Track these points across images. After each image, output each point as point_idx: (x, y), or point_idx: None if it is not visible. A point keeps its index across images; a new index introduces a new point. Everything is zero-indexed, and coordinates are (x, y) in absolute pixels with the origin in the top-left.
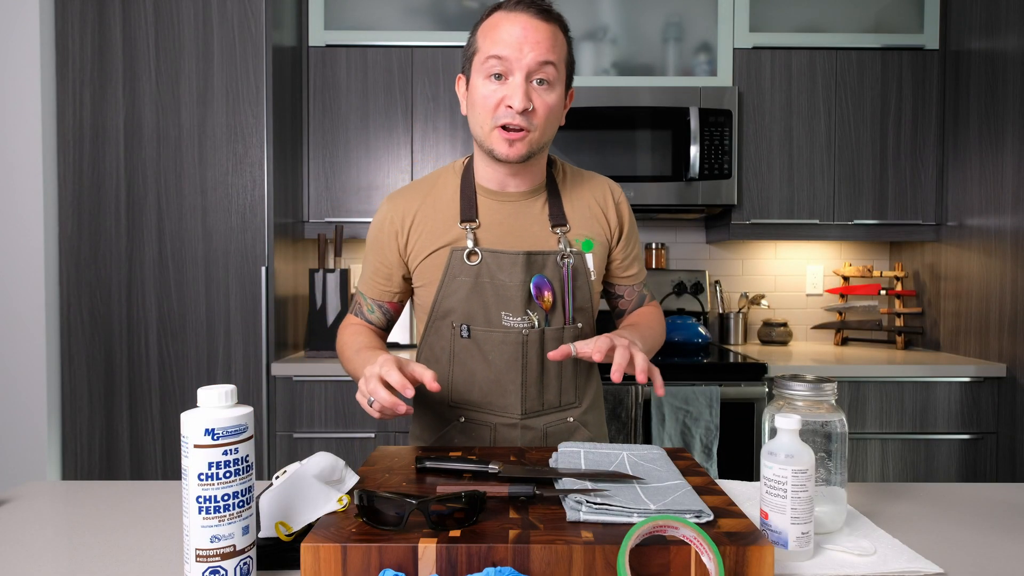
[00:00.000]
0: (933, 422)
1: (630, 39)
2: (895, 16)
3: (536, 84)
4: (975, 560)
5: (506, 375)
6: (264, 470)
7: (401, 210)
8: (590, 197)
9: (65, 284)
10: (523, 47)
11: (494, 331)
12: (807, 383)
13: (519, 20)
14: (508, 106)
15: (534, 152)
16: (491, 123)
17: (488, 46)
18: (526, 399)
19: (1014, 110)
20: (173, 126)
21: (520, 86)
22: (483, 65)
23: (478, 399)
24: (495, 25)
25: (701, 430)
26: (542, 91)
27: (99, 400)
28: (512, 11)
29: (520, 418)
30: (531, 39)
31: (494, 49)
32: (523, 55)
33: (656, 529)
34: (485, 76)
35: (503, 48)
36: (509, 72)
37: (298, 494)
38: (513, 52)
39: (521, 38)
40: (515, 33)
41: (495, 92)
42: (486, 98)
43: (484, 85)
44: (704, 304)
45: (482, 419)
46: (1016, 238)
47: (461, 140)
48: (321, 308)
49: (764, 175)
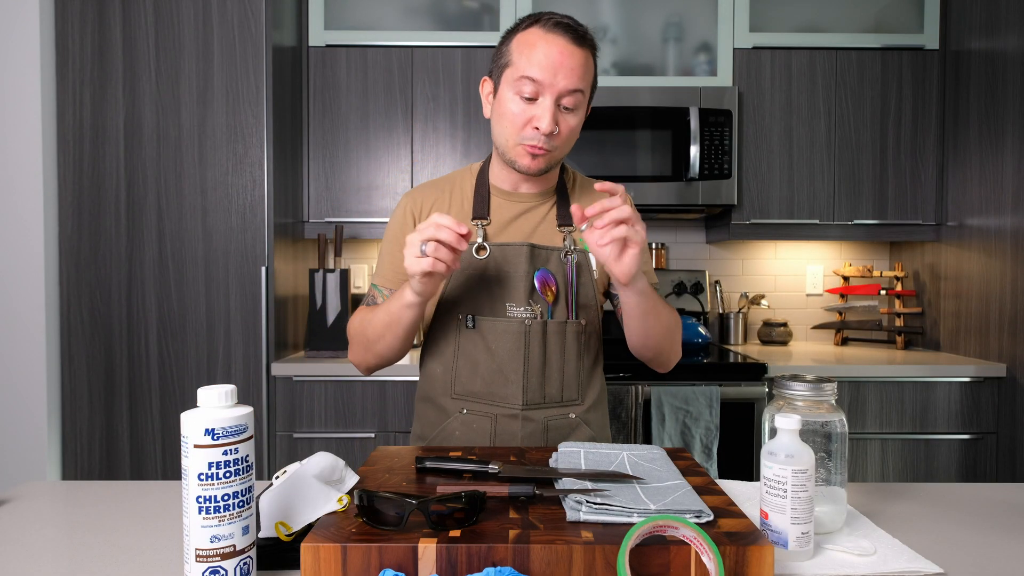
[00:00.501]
0: (933, 422)
1: (630, 39)
2: (895, 16)
3: (563, 110)
4: (975, 560)
5: (508, 364)
6: (264, 470)
7: (419, 202)
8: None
9: (65, 284)
10: (557, 73)
11: (498, 320)
12: (807, 383)
13: (556, 44)
14: (535, 127)
15: (552, 167)
16: (516, 139)
17: (523, 65)
18: (527, 390)
19: (1014, 110)
20: (173, 126)
21: (549, 109)
22: (516, 82)
23: (480, 389)
24: (532, 44)
25: (701, 430)
26: (567, 116)
27: (99, 400)
28: (550, 32)
29: (521, 409)
30: (566, 65)
31: (529, 70)
32: (556, 81)
33: (656, 529)
34: (516, 93)
35: (538, 71)
36: (540, 94)
37: (298, 494)
38: (547, 77)
39: (557, 63)
40: (552, 57)
41: (524, 111)
42: (515, 115)
43: (514, 102)
44: (704, 304)
45: (483, 410)
46: (1016, 238)
47: (461, 140)
48: (321, 308)
49: (764, 175)
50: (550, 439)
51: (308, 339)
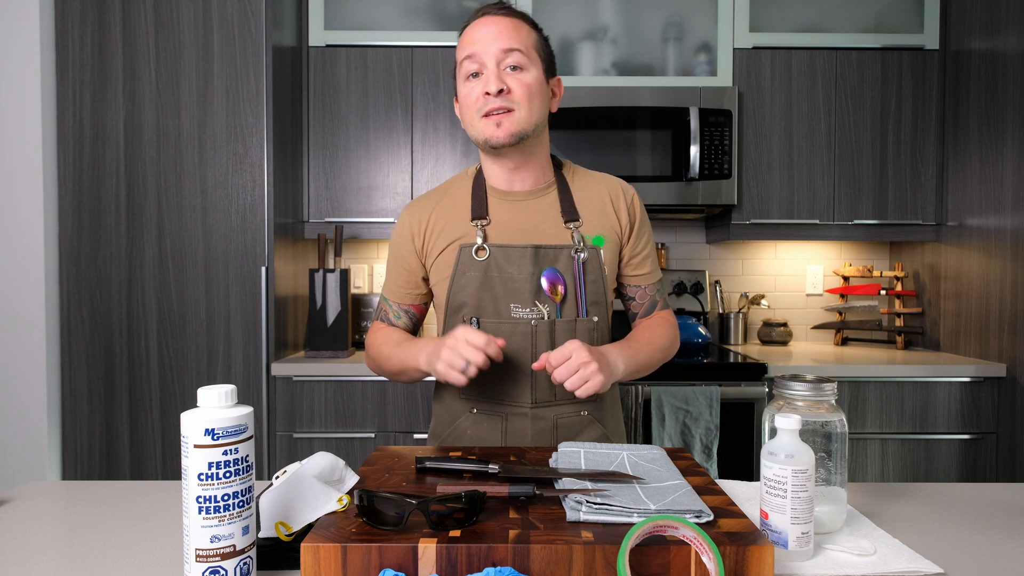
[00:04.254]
0: (933, 422)
1: (630, 39)
2: (895, 16)
3: (509, 71)
4: (975, 560)
5: (517, 365)
6: (264, 470)
7: (417, 215)
8: (603, 194)
9: (65, 284)
10: (488, 41)
11: (503, 322)
12: (807, 383)
13: (482, 22)
14: (486, 93)
15: (525, 132)
16: (476, 115)
17: (460, 52)
18: (536, 389)
19: (1014, 110)
20: (173, 126)
21: (493, 72)
22: (460, 70)
23: (490, 390)
24: (464, 34)
25: (701, 430)
26: (516, 74)
27: (99, 400)
28: (476, 18)
29: (531, 407)
30: (493, 32)
31: (464, 51)
32: (488, 46)
33: (656, 529)
34: (464, 79)
35: (471, 47)
36: (482, 66)
37: (298, 494)
38: (479, 47)
39: (484, 34)
40: (479, 32)
41: (474, 88)
42: (467, 96)
43: (464, 86)
44: (704, 304)
45: (494, 410)
46: (1016, 238)
47: (461, 140)
48: (321, 308)
49: (764, 175)
50: (560, 436)
51: (308, 339)
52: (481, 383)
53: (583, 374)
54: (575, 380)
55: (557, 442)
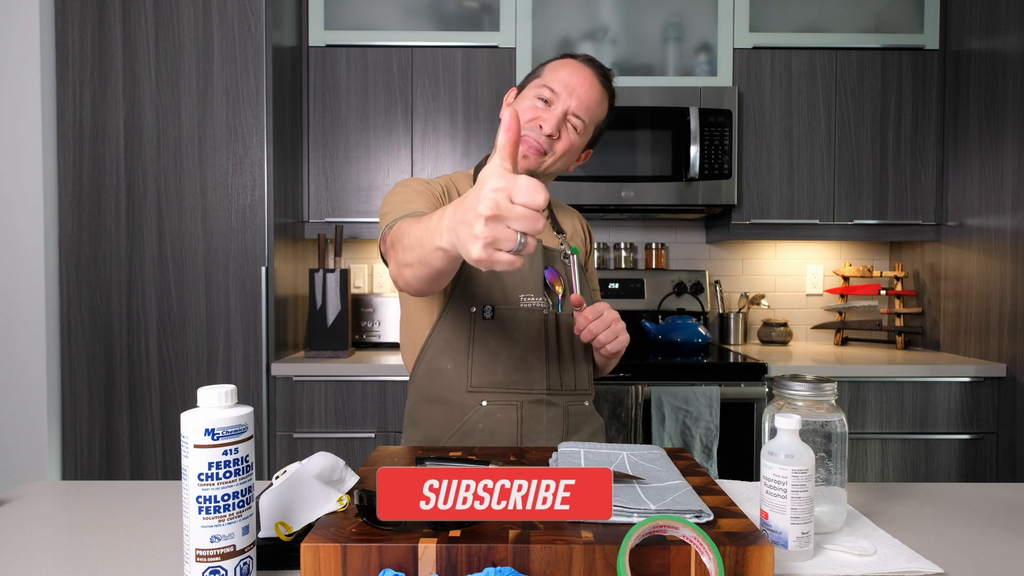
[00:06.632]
0: (933, 422)
1: (630, 39)
2: (895, 16)
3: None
4: (975, 560)
5: (532, 351)
6: (264, 470)
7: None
8: (574, 219)
9: (65, 284)
10: (573, 92)
11: (518, 309)
12: (807, 383)
13: (582, 72)
14: (540, 125)
15: (539, 172)
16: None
17: (549, 77)
18: (550, 375)
19: (1014, 110)
20: (173, 126)
21: (557, 115)
22: (538, 88)
23: (502, 379)
24: (563, 65)
25: (701, 430)
26: (568, 132)
27: (99, 400)
28: (581, 63)
29: (546, 393)
30: (583, 89)
31: (552, 83)
32: (569, 98)
33: (656, 529)
34: (535, 95)
35: (558, 85)
36: (554, 102)
37: (298, 494)
38: (563, 91)
39: (576, 85)
40: (573, 81)
41: (535, 109)
42: (527, 110)
43: (530, 100)
44: (704, 304)
45: (507, 399)
46: (1016, 238)
47: (461, 140)
48: (321, 308)
49: (764, 175)
50: (570, 424)
51: (308, 339)
52: (494, 374)
53: (615, 328)
54: (608, 334)
55: (568, 429)
